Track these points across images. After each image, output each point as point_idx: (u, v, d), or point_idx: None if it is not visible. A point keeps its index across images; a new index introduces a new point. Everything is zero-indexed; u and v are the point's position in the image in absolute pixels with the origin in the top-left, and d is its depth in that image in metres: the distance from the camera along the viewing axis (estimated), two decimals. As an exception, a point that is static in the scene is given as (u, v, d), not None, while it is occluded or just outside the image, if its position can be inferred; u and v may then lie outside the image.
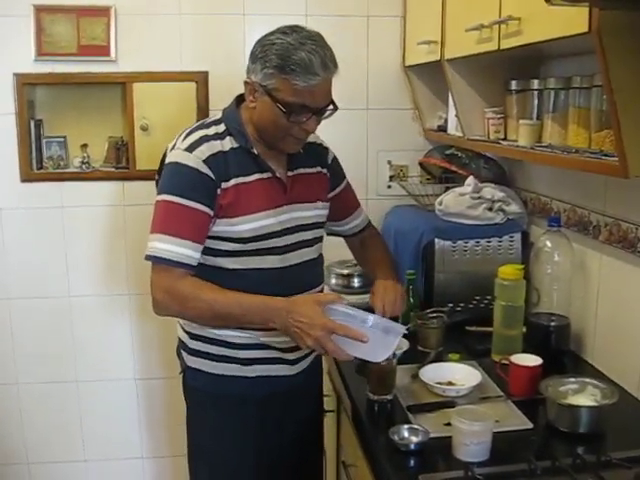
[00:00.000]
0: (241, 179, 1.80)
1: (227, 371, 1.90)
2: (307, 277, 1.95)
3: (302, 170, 1.95)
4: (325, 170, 2.06)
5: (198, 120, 2.83)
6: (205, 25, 2.86)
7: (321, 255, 2.04)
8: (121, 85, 2.88)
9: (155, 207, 1.81)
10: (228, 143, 1.82)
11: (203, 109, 2.90)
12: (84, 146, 2.93)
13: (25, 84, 2.82)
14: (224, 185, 1.78)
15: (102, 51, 2.81)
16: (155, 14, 2.83)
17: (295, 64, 1.67)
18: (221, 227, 1.80)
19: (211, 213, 1.77)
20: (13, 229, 2.94)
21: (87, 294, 3.04)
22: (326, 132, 2.08)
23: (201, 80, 2.88)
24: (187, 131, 1.86)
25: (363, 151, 3.02)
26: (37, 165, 2.91)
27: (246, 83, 1.80)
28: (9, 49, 2.79)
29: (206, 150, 1.77)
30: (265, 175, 1.85)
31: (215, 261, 1.83)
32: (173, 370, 3.01)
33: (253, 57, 1.77)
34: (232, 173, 1.79)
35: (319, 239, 2.02)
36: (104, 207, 2.97)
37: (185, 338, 1.96)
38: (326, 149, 2.09)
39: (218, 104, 2.89)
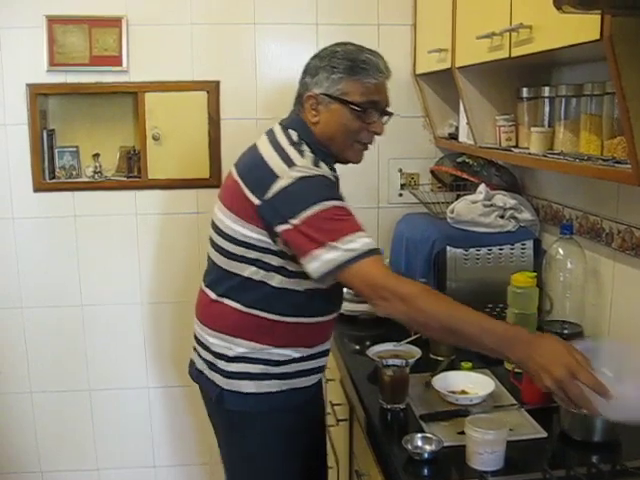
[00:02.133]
0: None
1: (265, 388, 1.87)
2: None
3: None
4: None
5: (210, 130, 2.89)
6: (216, 35, 2.88)
7: None
8: (133, 95, 2.90)
9: (326, 214, 1.65)
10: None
11: (214, 118, 2.91)
12: (96, 156, 2.95)
13: (38, 94, 2.84)
14: None
15: (114, 61, 2.83)
16: (166, 24, 2.85)
17: (364, 63, 1.78)
18: None
19: None
20: (26, 238, 2.96)
21: (100, 303, 3.05)
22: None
23: (212, 90, 2.90)
24: (293, 151, 1.76)
25: (374, 159, 3.01)
26: (49, 175, 2.93)
27: (309, 97, 1.83)
28: (22, 60, 2.81)
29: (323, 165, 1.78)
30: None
31: (286, 281, 1.80)
32: (186, 378, 3.01)
33: (313, 70, 1.83)
34: None
35: None
36: (116, 216, 2.98)
37: (221, 364, 1.88)
38: None
39: (229, 113, 2.92)
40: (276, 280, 1.80)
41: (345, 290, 2.62)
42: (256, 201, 1.72)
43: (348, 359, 2.24)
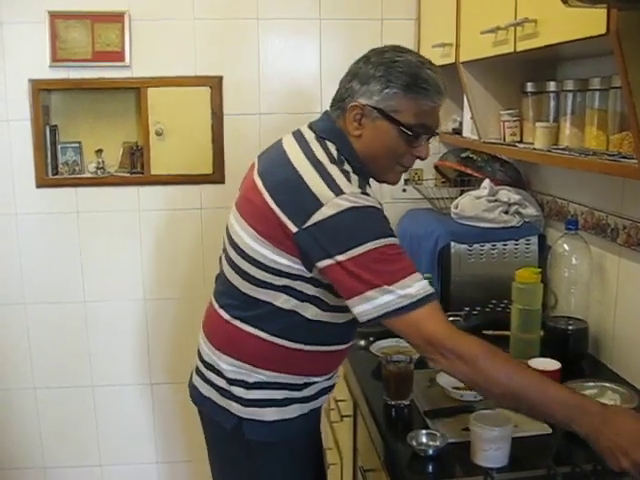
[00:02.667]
0: None
1: (293, 413, 1.74)
2: None
3: None
4: None
5: (213, 125, 2.88)
6: (219, 30, 2.87)
7: None
8: (135, 90, 2.90)
9: (377, 254, 1.48)
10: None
11: (217, 114, 2.90)
12: (99, 151, 2.94)
13: (40, 90, 2.83)
14: None
15: (116, 57, 2.83)
16: (169, 19, 2.84)
17: (425, 82, 1.58)
18: None
19: None
20: (29, 234, 2.95)
21: (102, 299, 3.05)
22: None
23: (215, 85, 2.89)
24: (338, 174, 1.55)
25: (378, 154, 3.00)
26: (52, 171, 2.92)
27: (354, 107, 1.61)
28: (24, 55, 2.80)
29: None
30: None
31: (321, 314, 1.66)
32: (189, 375, 3.00)
33: (364, 77, 1.60)
34: None
35: None
36: (119, 212, 2.98)
37: (238, 391, 1.71)
38: None
39: (232, 109, 2.91)
40: (310, 312, 1.64)
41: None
42: (293, 228, 1.52)
43: (352, 355, 2.22)
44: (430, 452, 1.62)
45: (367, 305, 1.49)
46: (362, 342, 2.32)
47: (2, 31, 2.78)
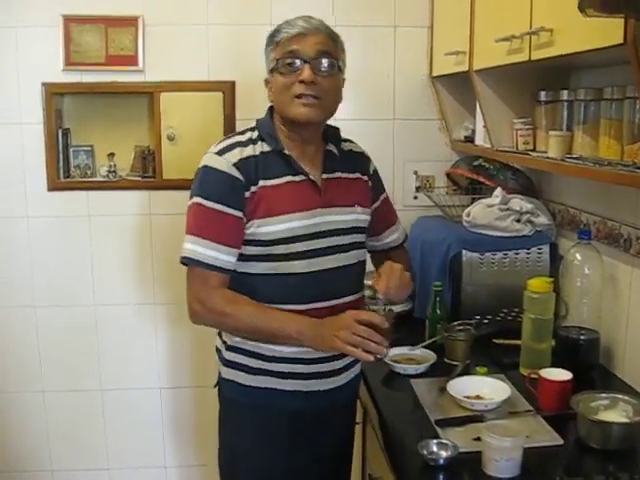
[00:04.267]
0: (271, 182, 1.80)
1: (262, 383, 1.87)
2: (340, 283, 1.89)
3: (339, 174, 1.93)
4: (366, 178, 2.04)
5: (225, 131, 2.89)
6: (232, 35, 2.87)
7: (361, 262, 1.98)
8: (148, 95, 2.90)
9: (188, 210, 1.83)
10: (259, 147, 1.84)
11: (230, 119, 2.90)
12: (111, 155, 2.95)
13: (53, 94, 2.84)
14: (253, 188, 1.78)
15: (130, 61, 2.84)
16: (182, 24, 2.84)
17: (278, 27, 1.85)
18: (251, 230, 1.79)
19: (242, 216, 1.78)
20: (40, 237, 2.96)
21: (113, 303, 3.05)
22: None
23: (228, 90, 2.89)
24: (223, 138, 1.90)
25: (389, 161, 3.00)
26: (64, 174, 2.93)
27: (266, 81, 1.90)
28: (38, 59, 2.82)
29: (237, 154, 1.80)
30: (297, 178, 1.84)
31: (242, 265, 1.83)
32: (197, 379, 3.00)
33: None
34: (261, 176, 1.80)
35: (357, 245, 1.95)
36: (130, 216, 2.99)
37: (222, 348, 1.94)
38: (368, 158, 2.09)
39: (245, 114, 2.90)
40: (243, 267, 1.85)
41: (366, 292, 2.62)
42: None
43: (362, 362, 2.22)
44: (441, 461, 1.62)
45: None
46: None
47: (16, 35, 2.79)
